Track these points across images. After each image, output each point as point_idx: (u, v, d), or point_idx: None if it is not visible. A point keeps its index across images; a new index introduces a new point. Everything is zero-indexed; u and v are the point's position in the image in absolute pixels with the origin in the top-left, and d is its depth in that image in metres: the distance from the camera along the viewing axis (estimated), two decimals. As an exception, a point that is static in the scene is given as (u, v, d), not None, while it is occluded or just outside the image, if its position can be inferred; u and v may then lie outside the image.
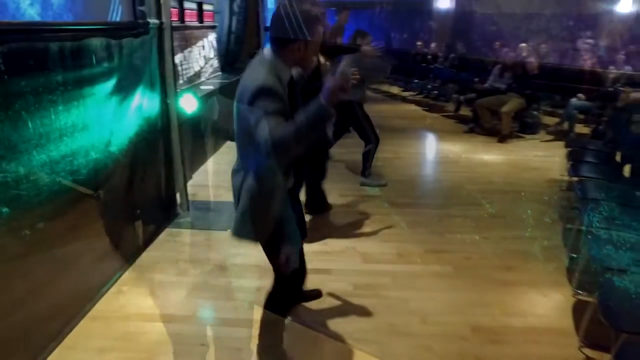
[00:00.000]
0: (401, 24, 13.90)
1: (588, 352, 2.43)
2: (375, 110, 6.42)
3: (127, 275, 3.09)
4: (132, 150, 3.19)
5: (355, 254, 3.42)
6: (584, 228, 3.00)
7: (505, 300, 2.88)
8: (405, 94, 10.86)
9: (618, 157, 4.49)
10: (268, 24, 2.11)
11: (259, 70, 1.86)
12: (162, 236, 3.64)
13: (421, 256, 3.40)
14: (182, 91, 4.07)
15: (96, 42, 2.66)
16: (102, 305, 2.77)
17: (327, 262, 3.27)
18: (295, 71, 1.98)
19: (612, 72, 7.96)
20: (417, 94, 10.59)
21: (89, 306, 2.73)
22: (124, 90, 3.02)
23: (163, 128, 3.69)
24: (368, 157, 4.80)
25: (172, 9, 5.03)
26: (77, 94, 2.53)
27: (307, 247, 3.26)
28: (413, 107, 9.64)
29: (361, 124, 4.66)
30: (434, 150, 6.60)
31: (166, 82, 3.62)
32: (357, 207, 4.23)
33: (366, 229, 3.82)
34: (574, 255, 3.35)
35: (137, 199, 3.34)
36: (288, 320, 2.47)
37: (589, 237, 2.73)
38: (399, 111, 9.01)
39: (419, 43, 11.91)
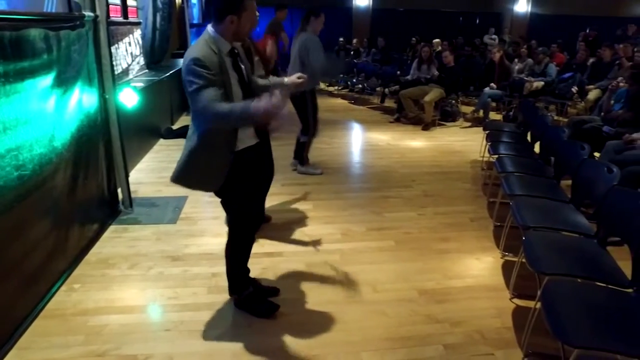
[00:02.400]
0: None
1: (517, 301, 2.78)
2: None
3: (76, 273, 3.03)
4: (75, 145, 3.13)
5: (303, 236, 3.57)
6: (504, 200, 3.39)
7: (445, 266, 3.17)
8: (331, 88, 11.16)
9: (529, 137, 5.02)
10: (194, 20, 2.30)
11: (197, 43, 2.14)
12: (107, 233, 3.58)
13: (364, 234, 3.64)
14: (120, 85, 4.01)
15: (35, 32, 2.59)
16: (55, 304, 2.71)
17: (278, 245, 3.40)
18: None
19: (517, 64, 8.76)
20: (342, 88, 10.92)
21: (40, 306, 2.66)
22: (64, 83, 2.96)
23: (102, 123, 3.63)
24: (304, 148, 4.98)
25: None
26: (19, 86, 2.47)
27: (257, 235, 3.39)
28: (340, 100, 9.95)
29: (306, 113, 4.75)
30: (364, 140, 6.89)
31: (103, 76, 3.57)
32: (299, 195, 4.39)
33: (311, 213, 3.99)
34: (498, 224, 3.75)
35: (80, 196, 3.27)
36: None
37: (511, 203, 3.09)
38: (327, 105, 9.25)
39: (341, 39, 12.28)
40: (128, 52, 6.16)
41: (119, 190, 3.96)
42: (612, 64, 7.87)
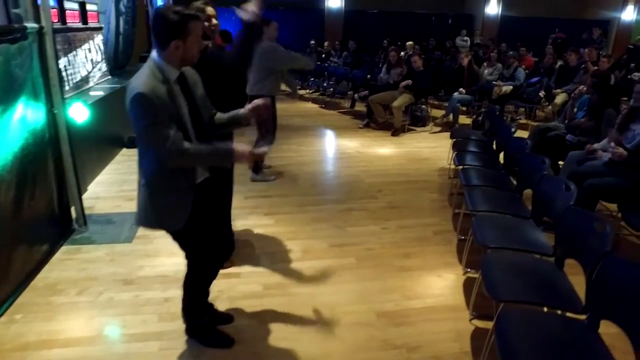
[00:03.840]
0: (294, 23, 14.09)
1: (477, 322, 2.73)
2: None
3: (19, 301, 2.86)
4: (18, 165, 2.97)
5: (263, 254, 3.47)
6: (468, 212, 3.35)
7: (405, 285, 3.11)
8: (302, 92, 11.05)
9: (495, 145, 5.00)
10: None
11: (141, 74, 1.98)
12: (58, 255, 3.42)
13: (325, 251, 3.55)
14: (71, 99, 3.84)
15: (-34, 50, 2.44)
16: (-7, 338, 2.56)
17: (235, 265, 3.29)
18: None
19: (486, 68, 8.79)
20: (313, 92, 10.84)
21: (-24, 340, 2.51)
22: (3, 101, 2.80)
23: (51, 140, 3.46)
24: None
25: (52, 10, 4.73)
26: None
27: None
28: (310, 104, 9.86)
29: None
30: (333, 147, 6.82)
31: (51, 90, 3.40)
32: (262, 208, 4.29)
33: (272, 229, 3.89)
34: (462, 237, 3.72)
35: (25, 218, 3.10)
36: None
37: (473, 220, 3.05)
38: (297, 109, 9.18)
39: (312, 42, 12.19)
40: (88, 59, 5.96)
41: (73, 208, 3.79)
42: (578, 68, 7.98)
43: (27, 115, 3.13)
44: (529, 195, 3.54)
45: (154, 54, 2.01)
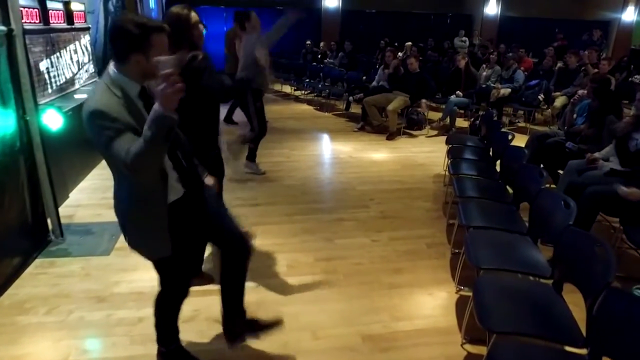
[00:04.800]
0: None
1: (469, 347, 2.56)
2: (270, 110, 6.35)
3: (-18, 322, 2.71)
4: (-18, 177, 2.80)
5: (246, 269, 3.30)
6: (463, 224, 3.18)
7: (394, 305, 2.93)
8: (298, 93, 10.88)
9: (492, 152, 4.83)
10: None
11: (96, 90, 1.82)
12: (31, 269, 3.25)
13: (311, 266, 3.38)
14: (52, 102, 3.67)
15: None
16: (-50, 364, 2.40)
17: (214, 282, 3.12)
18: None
19: (485, 70, 8.62)
20: (308, 93, 10.66)
21: None
22: (-36, 110, 2.63)
23: (23, 148, 3.29)
24: (255, 148, 5.25)
25: (32, 10, 4.56)
26: None
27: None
28: (305, 106, 9.67)
29: (248, 111, 4.96)
30: (325, 152, 6.61)
31: (23, 96, 3.23)
32: (248, 218, 4.10)
33: (258, 241, 3.67)
34: (456, 251, 3.54)
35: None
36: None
37: (466, 235, 2.88)
38: (292, 111, 9.01)
39: (308, 42, 12.00)
40: (73, 60, 5.78)
41: (49, 219, 3.62)
42: (578, 71, 7.82)
43: (-6, 122, 2.96)
44: (526, 206, 3.38)
45: (111, 67, 1.81)
